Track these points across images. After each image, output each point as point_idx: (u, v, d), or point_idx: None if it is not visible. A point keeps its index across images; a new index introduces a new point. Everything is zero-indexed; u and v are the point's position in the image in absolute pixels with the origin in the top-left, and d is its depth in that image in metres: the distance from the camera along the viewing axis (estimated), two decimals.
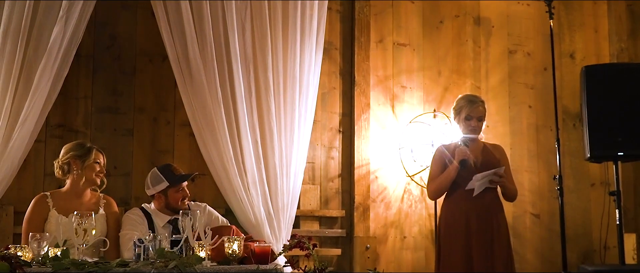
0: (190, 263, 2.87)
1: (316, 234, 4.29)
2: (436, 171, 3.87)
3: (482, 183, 3.73)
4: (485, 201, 3.77)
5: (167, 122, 4.24)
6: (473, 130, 3.83)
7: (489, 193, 3.79)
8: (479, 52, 4.82)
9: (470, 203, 3.75)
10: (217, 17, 3.96)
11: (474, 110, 3.81)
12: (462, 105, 3.84)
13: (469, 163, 3.76)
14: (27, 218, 3.50)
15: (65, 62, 3.80)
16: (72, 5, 3.74)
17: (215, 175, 3.94)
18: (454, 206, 3.81)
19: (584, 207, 4.81)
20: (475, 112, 3.82)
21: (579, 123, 4.78)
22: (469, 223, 3.73)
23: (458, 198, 3.80)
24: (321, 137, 4.47)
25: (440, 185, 3.83)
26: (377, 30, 4.63)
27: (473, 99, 3.87)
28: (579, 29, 4.98)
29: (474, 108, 3.82)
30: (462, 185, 3.77)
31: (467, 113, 3.82)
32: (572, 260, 4.62)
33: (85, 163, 3.54)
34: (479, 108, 3.83)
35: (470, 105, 3.82)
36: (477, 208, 3.75)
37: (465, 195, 3.78)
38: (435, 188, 3.86)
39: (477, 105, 3.83)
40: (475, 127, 3.82)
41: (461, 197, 3.79)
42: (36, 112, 3.70)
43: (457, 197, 3.82)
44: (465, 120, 3.83)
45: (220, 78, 3.94)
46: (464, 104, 3.84)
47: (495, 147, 3.99)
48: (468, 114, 3.82)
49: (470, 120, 3.82)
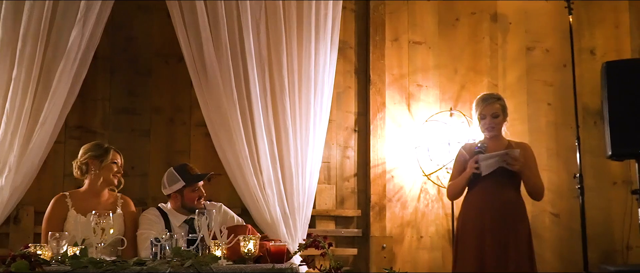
0: (206, 262, 2.89)
1: (332, 234, 4.29)
2: (455, 172, 3.91)
3: (489, 164, 3.68)
4: (503, 200, 3.73)
5: (183, 122, 4.28)
6: (490, 128, 3.81)
7: (509, 192, 3.75)
8: (495, 49, 4.77)
9: (486, 203, 3.73)
10: (232, 18, 3.99)
11: (486, 107, 3.80)
12: (477, 105, 3.84)
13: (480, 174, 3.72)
14: (46, 218, 3.56)
15: (84, 64, 3.87)
16: (90, 8, 3.80)
17: (230, 174, 3.97)
18: (470, 205, 3.80)
19: (605, 206, 4.74)
20: (488, 110, 3.79)
21: (599, 120, 4.71)
22: (483, 221, 3.70)
23: (475, 196, 3.79)
24: (336, 137, 4.47)
25: (455, 187, 3.87)
26: (392, 29, 4.61)
27: (486, 97, 3.85)
28: (599, 25, 4.90)
29: (487, 106, 3.80)
30: (482, 179, 3.74)
31: (480, 111, 3.82)
32: (593, 260, 4.54)
33: (102, 163, 3.59)
34: (494, 105, 3.80)
35: (483, 104, 3.81)
36: (492, 207, 3.71)
37: (481, 193, 3.75)
38: (451, 190, 3.91)
39: (489, 102, 3.80)
40: (490, 124, 3.80)
41: (477, 195, 3.77)
42: (55, 113, 3.77)
43: (473, 195, 3.80)
44: (480, 120, 3.83)
45: (236, 78, 3.97)
46: (478, 103, 3.84)
47: (520, 144, 3.92)
48: (481, 113, 3.82)
49: (484, 118, 3.81)
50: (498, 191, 3.73)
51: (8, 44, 3.74)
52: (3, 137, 3.69)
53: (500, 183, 3.74)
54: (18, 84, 3.71)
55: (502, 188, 3.74)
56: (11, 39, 3.75)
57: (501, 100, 3.86)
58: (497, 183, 3.74)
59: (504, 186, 3.75)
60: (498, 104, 3.82)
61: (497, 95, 3.92)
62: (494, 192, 3.73)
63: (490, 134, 3.83)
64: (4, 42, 3.73)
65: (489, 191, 3.74)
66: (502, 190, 3.74)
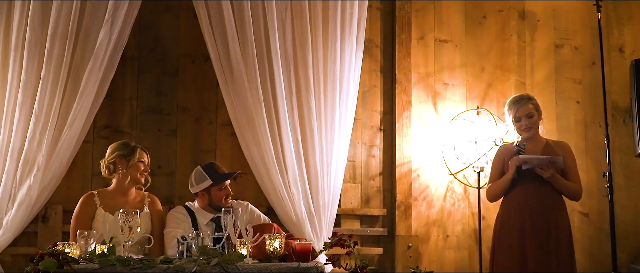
0: (232, 261, 2.91)
1: (357, 233, 4.27)
2: (494, 174, 3.89)
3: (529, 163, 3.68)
4: (542, 198, 3.72)
5: (209, 121, 4.30)
6: (526, 129, 3.81)
7: (548, 190, 3.73)
8: (523, 47, 4.72)
9: (528, 200, 3.72)
10: (258, 17, 4.00)
11: (520, 109, 3.80)
12: (509, 108, 3.85)
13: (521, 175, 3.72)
14: (75, 217, 3.61)
15: (112, 65, 3.91)
16: (118, 8, 3.84)
17: (256, 173, 3.98)
18: (511, 203, 3.78)
19: (635, 206, 4.66)
20: (521, 111, 3.80)
21: (629, 118, 4.64)
22: (524, 222, 3.70)
23: (516, 196, 3.77)
24: (362, 136, 4.45)
25: (497, 189, 3.84)
26: (418, 27, 4.58)
27: (518, 98, 3.85)
28: (628, 22, 4.82)
29: (520, 107, 3.80)
30: (520, 185, 3.73)
31: (514, 114, 3.82)
32: (623, 260, 4.48)
33: (129, 162, 3.63)
34: (526, 106, 3.80)
35: (516, 106, 3.81)
36: (533, 206, 3.71)
37: (523, 191, 3.74)
38: (493, 193, 3.88)
39: (522, 103, 3.80)
40: (526, 126, 3.80)
41: (520, 193, 3.76)
42: (84, 113, 3.82)
43: (515, 194, 3.78)
44: (515, 122, 3.83)
45: (261, 77, 3.98)
46: (510, 105, 3.85)
47: (559, 144, 3.93)
48: (515, 115, 3.81)
49: (519, 120, 3.81)
50: (538, 192, 3.72)
51: (36, 44, 3.80)
52: (32, 137, 3.75)
53: (541, 183, 3.73)
54: (46, 84, 3.77)
55: (542, 189, 3.73)
56: (39, 39, 3.81)
57: (533, 100, 3.86)
58: (538, 184, 3.73)
59: (544, 187, 3.73)
60: (531, 104, 3.82)
61: (528, 95, 3.91)
62: (535, 192, 3.72)
63: (528, 135, 3.82)
64: (32, 42, 3.79)
65: (530, 192, 3.73)
66: (542, 191, 3.73)
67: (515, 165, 3.72)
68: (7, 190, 3.72)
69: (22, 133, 3.76)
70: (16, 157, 3.75)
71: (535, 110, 3.82)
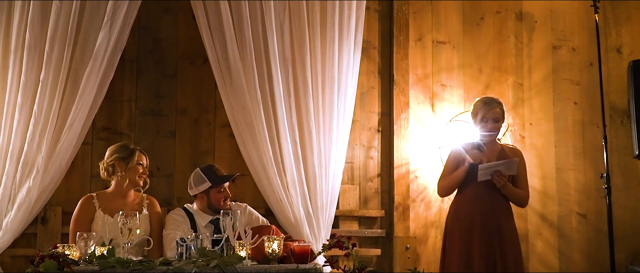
0: (231, 262, 2.92)
1: (355, 234, 4.29)
2: (448, 169, 3.96)
3: (485, 173, 3.75)
4: (493, 203, 3.82)
5: (208, 123, 4.31)
6: (489, 132, 3.89)
7: (498, 195, 3.82)
8: (521, 48, 4.73)
9: (476, 204, 3.81)
10: (256, 18, 4.01)
11: (489, 112, 3.87)
12: (479, 108, 3.91)
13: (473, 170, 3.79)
14: (74, 219, 3.62)
15: (111, 66, 3.93)
16: (116, 11, 3.85)
17: (255, 175, 3.99)
18: (460, 205, 3.88)
19: (633, 206, 4.67)
20: (490, 114, 3.87)
21: (626, 119, 4.65)
22: (472, 224, 3.78)
23: (464, 198, 3.87)
24: (360, 137, 4.47)
25: (449, 183, 3.92)
26: (416, 28, 4.59)
27: (488, 101, 3.92)
28: (626, 23, 4.83)
29: (489, 110, 3.87)
30: (471, 184, 3.81)
31: (482, 115, 3.88)
32: (621, 261, 4.49)
33: (128, 165, 3.64)
34: (495, 110, 3.87)
35: (486, 107, 3.88)
36: (482, 209, 3.80)
37: (472, 195, 3.83)
38: (444, 186, 3.96)
39: (492, 107, 3.88)
40: (491, 128, 3.87)
41: (468, 197, 3.85)
42: (83, 115, 3.84)
43: (464, 196, 3.88)
44: (481, 122, 3.89)
45: (260, 79, 3.99)
46: (480, 106, 3.91)
47: (513, 150, 4.04)
48: (483, 116, 3.88)
49: (486, 122, 3.88)
50: (488, 196, 3.81)
51: (35, 46, 3.81)
52: (31, 139, 3.76)
53: (490, 188, 3.81)
54: (46, 86, 3.78)
55: (491, 193, 3.81)
56: (38, 41, 3.82)
57: (502, 105, 3.93)
58: (488, 187, 3.81)
59: (493, 191, 3.81)
60: (499, 109, 3.90)
61: (498, 99, 3.97)
62: (485, 196, 3.81)
63: (490, 138, 3.91)
64: (32, 44, 3.80)
65: (480, 195, 3.81)
66: (492, 195, 3.81)
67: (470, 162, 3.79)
68: (6, 192, 3.73)
69: (21, 135, 3.78)
70: (16, 159, 3.76)
71: (501, 115, 3.90)
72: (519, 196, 3.90)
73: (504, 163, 3.79)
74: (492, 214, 3.80)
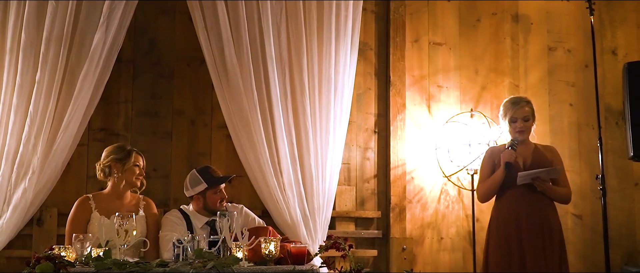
0: (227, 264, 2.91)
1: (352, 235, 4.29)
2: (485, 174, 3.90)
3: (525, 178, 3.72)
4: (536, 201, 3.77)
5: (204, 124, 4.31)
6: (520, 132, 3.85)
7: (538, 193, 3.77)
8: (517, 49, 4.74)
9: (521, 204, 3.76)
10: (253, 19, 4.01)
11: (517, 111, 3.84)
12: (507, 109, 3.87)
13: (515, 166, 3.76)
14: (70, 220, 3.60)
15: (107, 68, 3.92)
16: (113, 12, 3.84)
17: (251, 176, 3.99)
18: (505, 208, 3.81)
19: (627, 207, 4.69)
20: (519, 113, 3.83)
21: (621, 121, 4.67)
22: (519, 224, 3.74)
23: (508, 200, 3.81)
24: (356, 138, 4.47)
25: (488, 188, 3.86)
26: (413, 30, 4.60)
27: (516, 100, 3.89)
28: (621, 25, 4.85)
29: (518, 109, 3.84)
30: (512, 186, 3.77)
31: (511, 115, 3.85)
32: (616, 262, 4.51)
33: (125, 166, 3.63)
34: (524, 109, 3.84)
35: (514, 107, 3.84)
36: (527, 208, 3.75)
37: (515, 196, 3.78)
38: (484, 191, 3.89)
39: (520, 106, 3.84)
40: (521, 128, 3.84)
41: (511, 198, 3.79)
42: (79, 116, 3.83)
43: (507, 198, 3.82)
44: (510, 123, 3.86)
45: (256, 80, 3.99)
46: (508, 106, 3.87)
47: (548, 148, 3.98)
48: (512, 116, 3.85)
49: (515, 122, 3.84)
50: (529, 196, 3.76)
51: (31, 47, 3.80)
52: (27, 140, 3.75)
53: (531, 188, 3.77)
54: (42, 87, 3.77)
55: (532, 193, 3.77)
56: (34, 42, 3.81)
57: (530, 104, 3.90)
58: (528, 189, 3.77)
59: (534, 191, 3.77)
60: (528, 107, 3.87)
61: (526, 98, 3.94)
62: (526, 196, 3.76)
63: (522, 137, 3.86)
64: (27, 45, 3.80)
65: (521, 196, 3.77)
66: (533, 195, 3.76)
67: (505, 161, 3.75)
68: (2, 193, 3.72)
69: (17, 136, 3.76)
70: (11, 160, 3.75)
71: (531, 114, 3.87)
72: (560, 194, 3.84)
73: (544, 171, 3.75)
74: (538, 212, 3.75)
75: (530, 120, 3.86)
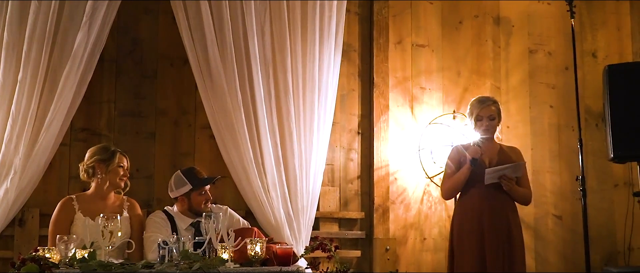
0: (213, 265, 2.91)
1: (336, 236, 4.30)
2: (450, 170, 3.95)
3: (492, 176, 3.77)
4: (499, 200, 3.82)
5: (188, 124, 4.29)
6: (485, 130, 3.89)
7: (502, 193, 3.83)
8: (498, 52, 4.79)
9: (484, 203, 3.81)
10: (237, 20, 4.01)
11: (484, 109, 3.88)
12: (473, 107, 3.93)
13: (481, 162, 3.81)
14: (53, 221, 3.57)
15: (89, 67, 3.89)
16: (95, 11, 3.82)
17: (235, 177, 3.99)
18: (467, 205, 3.86)
19: (607, 208, 4.76)
20: (485, 112, 3.89)
21: (601, 123, 4.74)
22: (481, 223, 3.78)
23: (471, 198, 3.86)
24: (340, 139, 4.48)
25: (453, 184, 3.90)
26: (396, 32, 4.63)
27: (483, 99, 3.95)
28: (601, 28, 4.93)
29: (484, 108, 3.89)
30: (476, 184, 3.82)
31: (477, 113, 3.90)
32: (596, 262, 4.57)
33: (109, 167, 3.60)
34: (490, 108, 3.89)
35: (480, 106, 3.90)
36: (490, 207, 3.80)
37: (478, 194, 3.83)
38: (449, 188, 3.94)
39: (487, 105, 3.90)
40: (487, 126, 3.88)
41: (474, 196, 3.84)
42: (61, 116, 3.79)
43: (470, 196, 3.87)
44: (476, 121, 3.91)
45: (240, 81, 3.99)
46: (475, 105, 3.93)
47: (512, 149, 4.04)
48: (478, 114, 3.90)
49: (481, 120, 3.89)
50: (492, 195, 3.82)
51: (13, 46, 3.76)
52: (9, 140, 3.71)
53: (494, 187, 3.83)
54: (24, 86, 3.74)
55: (495, 192, 3.82)
56: (17, 41, 3.77)
57: (497, 104, 3.96)
58: (492, 185, 3.82)
59: (497, 190, 3.83)
60: (494, 107, 3.92)
61: (493, 98, 4.01)
62: (489, 195, 3.82)
63: (486, 136, 3.91)
64: (10, 44, 3.76)
65: (485, 195, 3.82)
66: (496, 194, 3.82)
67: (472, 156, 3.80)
68: None
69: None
70: None
71: (497, 113, 3.92)
72: (523, 195, 3.91)
73: (510, 166, 3.80)
74: (501, 210, 3.80)
75: (496, 120, 3.91)
